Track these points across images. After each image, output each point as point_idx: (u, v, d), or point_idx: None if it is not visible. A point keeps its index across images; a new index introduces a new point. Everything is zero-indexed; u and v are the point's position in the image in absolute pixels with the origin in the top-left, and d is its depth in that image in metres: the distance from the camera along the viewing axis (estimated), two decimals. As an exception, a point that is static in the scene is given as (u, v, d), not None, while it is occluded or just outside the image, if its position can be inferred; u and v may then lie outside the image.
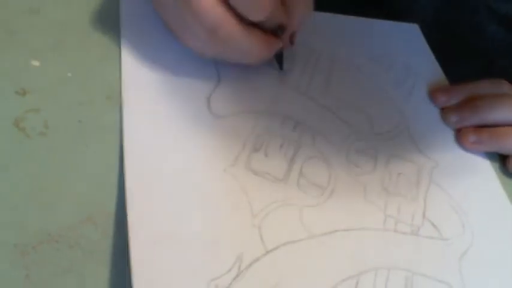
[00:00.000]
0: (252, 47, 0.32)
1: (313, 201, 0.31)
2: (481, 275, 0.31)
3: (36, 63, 0.33)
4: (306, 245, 0.29)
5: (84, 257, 0.26)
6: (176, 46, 0.33)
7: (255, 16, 0.30)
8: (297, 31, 0.35)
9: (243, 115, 0.34)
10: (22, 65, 0.32)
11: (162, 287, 0.25)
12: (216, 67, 0.35)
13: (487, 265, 0.32)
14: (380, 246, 0.31)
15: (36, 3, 0.35)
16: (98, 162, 0.30)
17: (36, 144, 0.29)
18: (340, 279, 0.28)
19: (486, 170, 0.38)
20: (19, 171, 0.28)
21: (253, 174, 0.31)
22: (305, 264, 0.28)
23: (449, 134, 0.39)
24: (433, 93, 0.41)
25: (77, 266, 0.26)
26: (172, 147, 0.31)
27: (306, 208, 0.31)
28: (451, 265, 0.31)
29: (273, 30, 0.33)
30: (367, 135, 0.36)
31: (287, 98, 0.36)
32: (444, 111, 0.40)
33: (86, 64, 0.33)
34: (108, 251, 0.27)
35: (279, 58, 0.37)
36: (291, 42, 0.36)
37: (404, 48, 0.45)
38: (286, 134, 0.34)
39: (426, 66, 0.44)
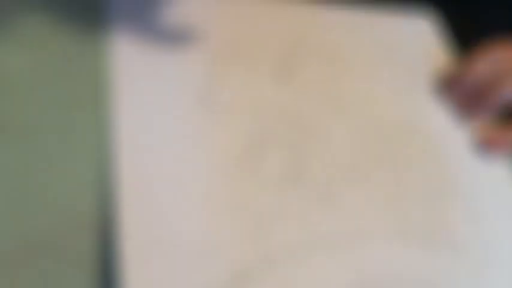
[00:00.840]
0: None
1: (315, 203, 0.31)
2: (495, 283, 0.31)
3: (22, 61, 0.32)
4: (308, 249, 0.29)
5: (71, 265, 0.26)
6: (169, 44, 0.33)
7: None
8: None
9: (241, 115, 0.34)
10: (7, 63, 0.32)
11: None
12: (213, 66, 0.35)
13: (502, 275, 0.31)
14: (387, 253, 0.30)
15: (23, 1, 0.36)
16: (87, 165, 0.29)
17: (19, 147, 0.29)
18: (343, 287, 0.28)
19: (502, 176, 0.37)
20: (0, 175, 0.28)
21: (252, 175, 0.31)
22: (307, 269, 0.28)
23: (460, 135, 0.38)
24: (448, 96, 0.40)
25: (63, 275, 0.25)
26: (167, 148, 0.30)
27: (307, 211, 0.30)
28: (463, 275, 0.30)
29: None
30: (371, 135, 0.36)
31: (287, 98, 0.36)
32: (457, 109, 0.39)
33: (75, 62, 0.33)
34: (96, 258, 0.26)
35: None
36: None
37: (412, 44, 0.44)
38: (286, 133, 0.33)
39: (435, 62, 0.43)
